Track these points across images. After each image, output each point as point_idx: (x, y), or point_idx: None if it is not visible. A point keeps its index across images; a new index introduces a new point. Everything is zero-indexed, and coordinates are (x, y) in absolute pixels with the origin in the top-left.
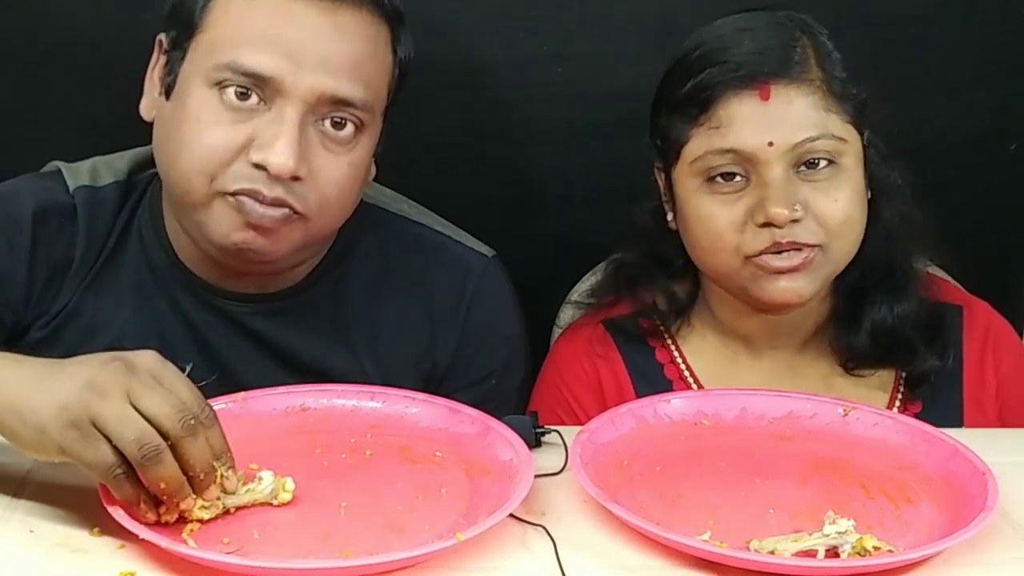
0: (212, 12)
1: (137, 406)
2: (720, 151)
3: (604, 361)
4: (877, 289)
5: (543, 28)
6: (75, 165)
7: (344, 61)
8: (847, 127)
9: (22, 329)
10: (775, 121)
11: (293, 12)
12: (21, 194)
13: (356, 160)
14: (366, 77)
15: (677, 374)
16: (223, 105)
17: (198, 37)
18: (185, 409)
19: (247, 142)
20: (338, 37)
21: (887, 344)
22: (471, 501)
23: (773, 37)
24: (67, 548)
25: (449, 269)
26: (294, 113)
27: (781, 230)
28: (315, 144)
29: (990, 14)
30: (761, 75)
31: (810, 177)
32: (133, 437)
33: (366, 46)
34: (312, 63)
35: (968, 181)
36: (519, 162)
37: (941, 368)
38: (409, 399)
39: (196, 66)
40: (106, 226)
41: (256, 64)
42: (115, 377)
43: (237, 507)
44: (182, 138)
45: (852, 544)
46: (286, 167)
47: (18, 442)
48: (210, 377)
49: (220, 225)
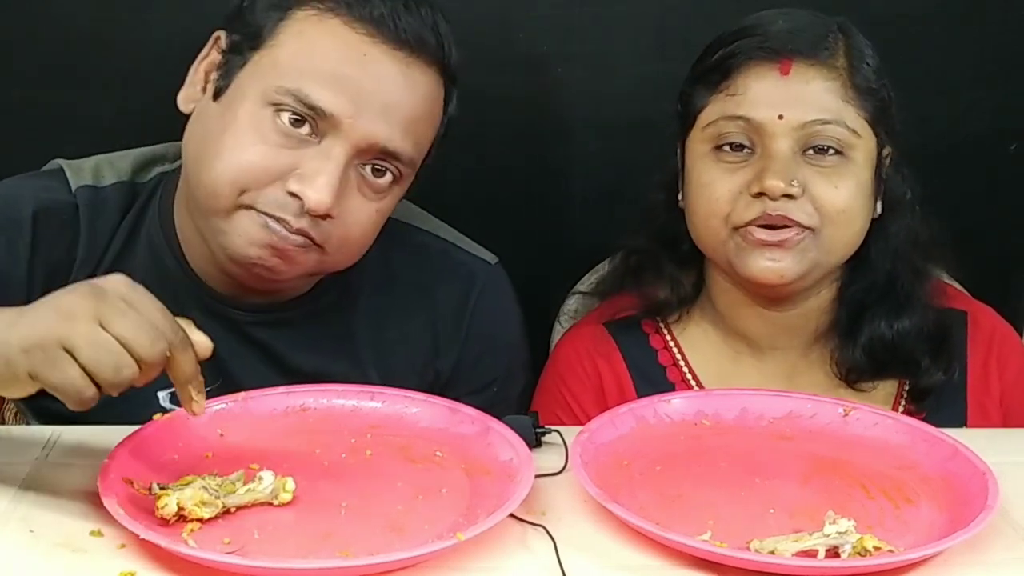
0: (284, 31)
1: (109, 330)
2: (732, 117)
3: (606, 362)
4: (879, 303)
5: (543, 28)
6: (77, 163)
7: (404, 115)
8: (863, 123)
9: None
10: (790, 97)
11: (368, 56)
12: (22, 193)
13: (385, 208)
14: (418, 134)
15: (679, 376)
16: (275, 127)
17: (264, 51)
18: (159, 334)
19: (288, 169)
20: (405, 90)
21: (884, 359)
22: (471, 501)
23: (807, 22)
24: (67, 548)
25: (453, 277)
26: (342, 154)
27: (774, 203)
28: (351, 186)
29: (990, 14)
30: (785, 50)
31: (816, 161)
32: (110, 363)
33: (426, 104)
34: (374, 110)
35: (968, 181)
36: (519, 162)
37: (946, 382)
38: (409, 399)
39: (256, 79)
40: (110, 227)
41: (320, 99)
42: (84, 301)
43: (237, 506)
44: (224, 145)
45: (852, 544)
46: (323, 204)
47: None
48: (213, 384)
49: (239, 236)
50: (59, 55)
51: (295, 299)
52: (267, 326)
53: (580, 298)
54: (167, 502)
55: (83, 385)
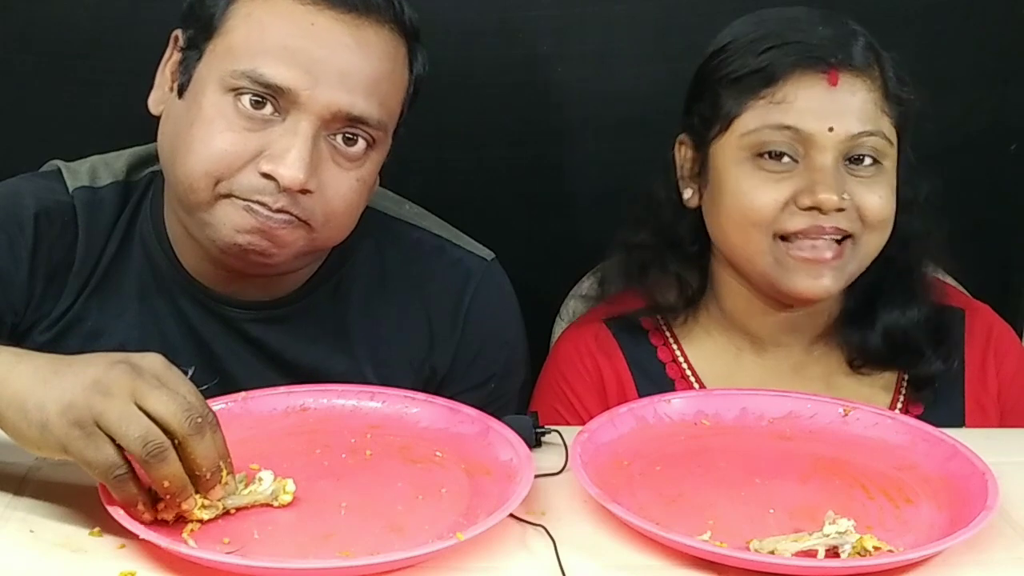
0: (233, 16)
1: (143, 406)
2: (778, 127)
3: (607, 359)
4: (891, 291)
5: (543, 28)
6: (74, 165)
7: (363, 78)
8: (894, 131)
9: (23, 331)
10: (839, 108)
11: (316, 25)
12: (23, 194)
13: (364, 176)
14: (382, 95)
15: (679, 373)
16: (237, 112)
17: (216, 40)
18: (192, 408)
19: (258, 151)
20: (359, 53)
21: (898, 346)
22: (471, 501)
23: (841, 28)
24: (67, 548)
25: (448, 274)
26: (308, 127)
27: (825, 216)
28: (325, 158)
29: (990, 14)
30: (833, 60)
31: (855, 172)
32: (138, 435)
33: (385, 64)
34: (331, 79)
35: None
36: (519, 162)
37: (945, 371)
38: (409, 399)
39: (212, 69)
40: (106, 228)
41: (275, 76)
42: (121, 378)
43: (237, 508)
44: (193, 138)
45: (852, 544)
46: (296, 180)
47: (20, 437)
48: (210, 382)
49: (224, 225)
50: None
51: (289, 295)
52: (262, 323)
53: (582, 300)
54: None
55: (115, 462)
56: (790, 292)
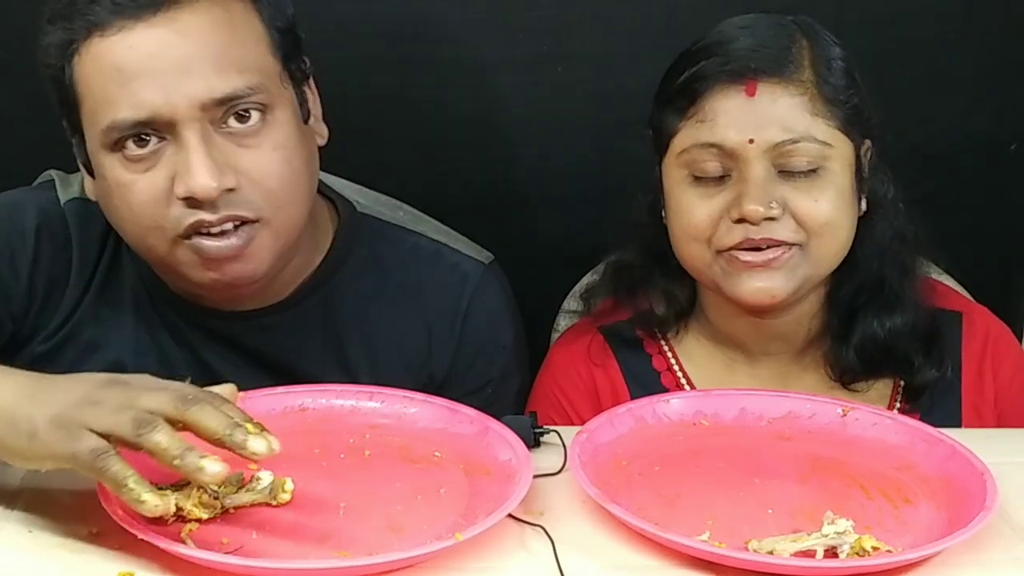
0: (79, 84)
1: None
2: (704, 145)
3: (601, 368)
4: (869, 304)
5: (543, 28)
6: (69, 176)
7: (205, 62)
8: (835, 133)
9: (22, 341)
10: (758, 118)
11: (135, 44)
12: (25, 206)
13: (279, 140)
14: (236, 63)
15: (674, 381)
16: (129, 162)
17: (82, 112)
18: (184, 391)
19: (168, 184)
20: (185, 43)
21: (877, 359)
22: (470, 501)
23: (770, 36)
24: (66, 548)
25: (445, 278)
26: (191, 134)
27: (756, 227)
28: (231, 149)
29: (990, 14)
30: (749, 71)
31: (792, 179)
32: (129, 419)
33: (221, 35)
34: (176, 82)
35: (968, 181)
36: (518, 162)
37: (940, 379)
38: (408, 399)
39: (92, 139)
40: (99, 239)
41: (129, 115)
42: (111, 392)
43: (236, 507)
44: (117, 210)
45: (851, 544)
46: (208, 187)
47: (7, 450)
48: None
49: (187, 269)
50: None
51: (280, 303)
52: (254, 331)
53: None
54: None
55: (97, 445)
56: (739, 299)
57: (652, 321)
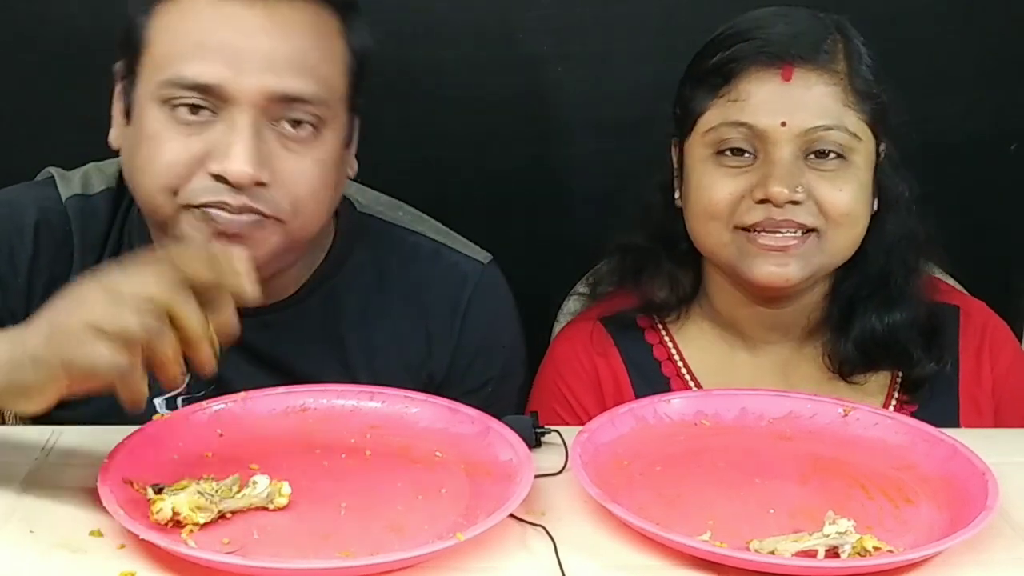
0: (152, 30)
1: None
2: (734, 123)
3: (602, 358)
4: (870, 298)
5: (543, 28)
6: (69, 173)
7: (286, 57)
8: (863, 126)
9: None
10: (792, 103)
11: (228, 15)
12: (24, 203)
13: (322, 157)
14: (313, 70)
15: (674, 370)
16: (175, 121)
17: (144, 58)
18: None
19: (204, 155)
20: (277, 33)
21: (875, 352)
22: (471, 501)
23: (806, 24)
24: (67, 548)
25: (445, 278)
26: (245, 118)
27: (779, 208)
28: (275, 147)
29: (990, 14)
30: (787, 55)
31: (818, 166)
32: (135, 317)
33: (309, 39)
34: (253, 64)
35: (968, 181)
36: (519, 162)
37: (939, 373)
38: (409, 399)
39: (145, 86)
40: (100, 236)
41: (197, 75)
42: (89, 286)
43: (233, 511)
44: (141, 158)
45: (852, 544)
46: (244, 173)
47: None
48: (207, 388)
49: (192, 238)
50: (59, 55)
51: (283, 300)
52: (255, 329)
53: (580, 298)
54: (161, 507)
55: (119, 359)
56: (753, 280)
57: (655, 305)
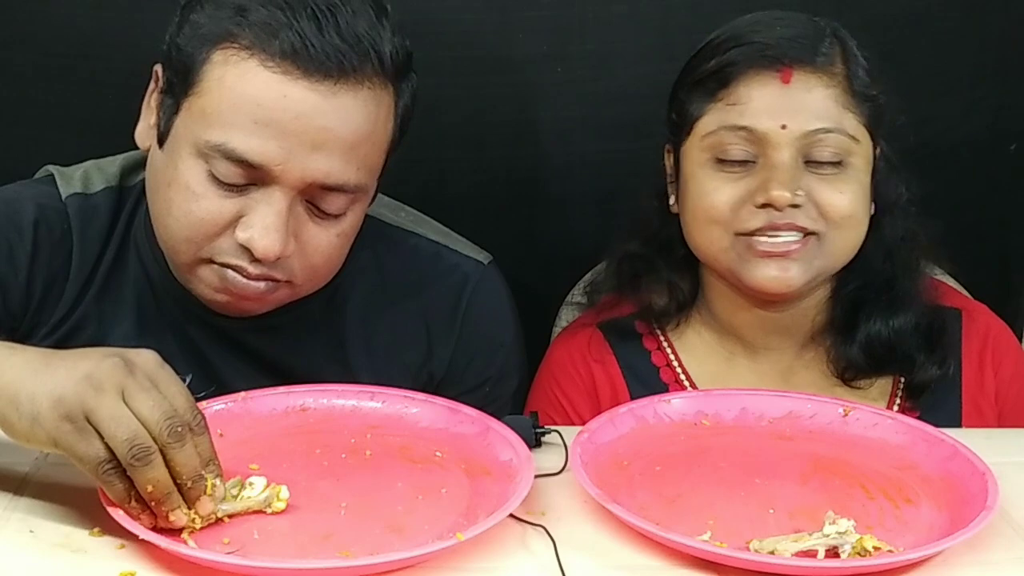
0: (207, 77)
1: (130, 406)
2: (734, 127)
3: (599, 365)
4: (875, 302)
5: (543, 28)
6: (68, 170)
7: (339, 146)
8: (861, 129)
9: (21, 337)
10: (792, 105)
11: (288, 97)
12: (23, 200)
13: (346, 229)
14: (362, 158)
15: (673, 377)
16: (212, 180)
17: (192, 98)
18: (175, 415)
19: (235, 218)
20: (335, 121)
21: (881, 357)
22: (471, 501)
23: (804, 28)
24: (67, 548)
25: (445, 279)
26: (283, 197)
27: (779, 212)
28: (303, 218)
29: (990, 13)
30: (786, 58)
31: (817, 169)
32: (124, 437)
33: (364, 127)
34: (304, 151)
35: (968, 181)
36: (519, 162)
37: (942, 377)
38: (409, 399)
39: (188, 129)
40: (101, 235)
41: (247, 152)
42: (113, 373)
43: (229, 515)
44: (171, 202)
45: (852, 544)
46: (271, 252)
47: (10, 429)
48: (207, 390)
49: (204, 287)
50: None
51: (285, 304)
52: (256, 332)
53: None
54: None
55: (104, 457)
56: (754, 285)
57: (653, 312)
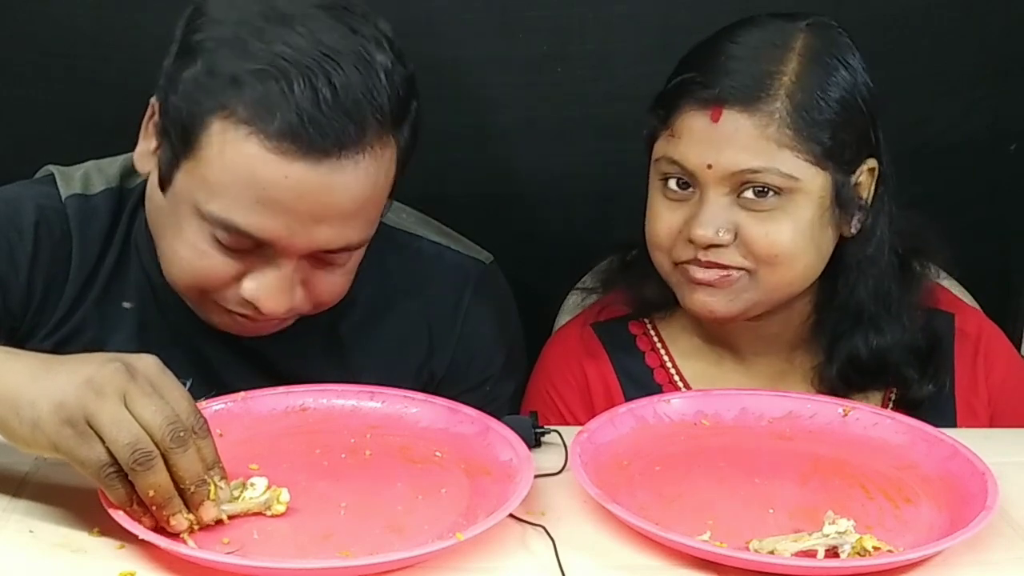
0: (206, 144)
1: (131, 410)
2: (670, 160)
3: (592, 364)
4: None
5: (543, 28)
6: (69, 171)
7: (342, 215)
8: (803, 165)
9: (22, 337)
10: (720, 144)
11: (289, 177)
12: (23, 200)
13: (351, 267)
14: (367, 220)
15: (666, 378)
16: (216, 243)
17: (191, 160)
18: (177, 420)
19: (240, 273)
20: (338, 195)
21: (861, 379)
22: (471, 501)
23: (754, 58)
24: (67, 548)
25: (446, 279)
26: (288, 263)
27: (704, 250)
28: (309, 269)
29: (990, 14)
30: (716, 98)
31: (752, 205)
32: (126, 441)
33: (366, 191)
34: (307, 225)
35: (968, 181)
36: (519, 162)
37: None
38: (409, 399)
39: (190, 191)
40: (101, 237)
41: (248, 228)
42: (114, 378)
43: (229, 516)
44: (176, 252)
45: (852, 544)
46: (277, 312)
47: (11, 435)
48: (208, 394)
49: (214, 318)
50: (59, 55)
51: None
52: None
53: (580, 294)
54: None
55: (106, 461)
56: (690, 310)
57: (644, 304)
